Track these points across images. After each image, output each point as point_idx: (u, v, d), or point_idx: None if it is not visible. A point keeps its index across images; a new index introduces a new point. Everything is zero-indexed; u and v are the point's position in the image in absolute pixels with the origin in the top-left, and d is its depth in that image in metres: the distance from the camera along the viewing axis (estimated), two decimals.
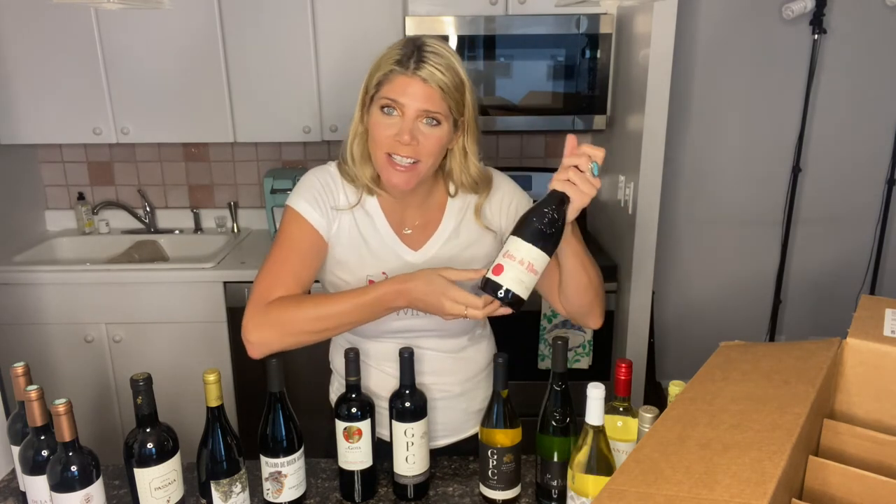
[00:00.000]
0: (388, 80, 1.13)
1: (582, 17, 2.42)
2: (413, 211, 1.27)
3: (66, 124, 2.59)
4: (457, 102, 1.15)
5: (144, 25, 2.47)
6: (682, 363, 3.35)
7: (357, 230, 1.25)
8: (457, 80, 1.14)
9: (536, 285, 1.07)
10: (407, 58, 1.12)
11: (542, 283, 1.21)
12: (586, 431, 1.00)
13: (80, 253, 2.86)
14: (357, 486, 1.20)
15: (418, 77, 1.11)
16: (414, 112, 1.12)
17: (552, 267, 1.18)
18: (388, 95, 1.13)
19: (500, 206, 1.30)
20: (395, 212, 1.27)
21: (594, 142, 2.96)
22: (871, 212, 3.08)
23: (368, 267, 1.24)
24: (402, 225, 1.27)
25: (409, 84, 1.12)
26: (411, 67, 1.11)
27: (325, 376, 1.50)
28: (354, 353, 1.16)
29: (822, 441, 1.03)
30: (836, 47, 2.91)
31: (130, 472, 1.05)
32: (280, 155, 2.98)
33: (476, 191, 1.28)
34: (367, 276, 1.24)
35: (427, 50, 1.12)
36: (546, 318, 2.46)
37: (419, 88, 1.12)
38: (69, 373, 2.53)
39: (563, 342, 1.14)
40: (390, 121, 1.14)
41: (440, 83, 1.12)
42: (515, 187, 1.33)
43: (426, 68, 1.11)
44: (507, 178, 1.34)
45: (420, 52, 1.12)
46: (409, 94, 1.12)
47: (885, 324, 1.06)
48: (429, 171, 1.19)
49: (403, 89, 1.12)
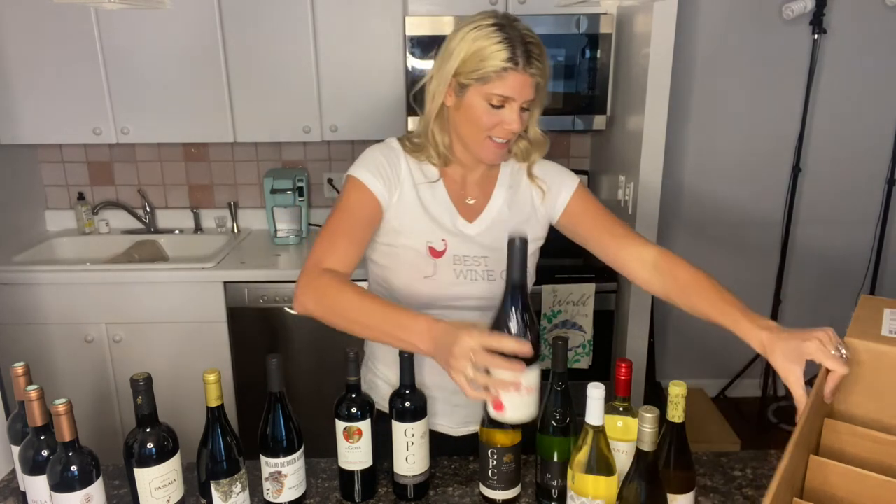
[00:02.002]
0: (500, 77, 1.17)
1: (582, 17, 2.42)
2: (472, 184, 1.34)
3: (66, 124, 2.59)
4: (544, 89, 1.24)
5: (144, 25, 2.47)
6: (682, 363, 3.35)
7: (418, 200, 1.29)
8: (548, 69, 1.23)
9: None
10: (517, 55, 1.16)
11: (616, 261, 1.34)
12: (586, 431, 1.00)
13: (80, 253, 2.85)
14: (357, 486, 1.20)
15: (528, 74, 1.17)
16: (519, 104, 1.20)
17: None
18: (500, 92, 1.18)
19: (557, 192, 1.36)
20: (456, 183, 1.33)
21: (594, 141, 2.96)
22: (871, 212, 3.08)
23: (428, 233, 1.28)
24: (463, 196, 1.33)
25: (523, 81, 1.17)
26: (522, 65, 1.16)
27: (326, 376, 1.50)
28: (355, 354, 1.16)
29: (822, 440, 1.03)
30: (836, 47, 2.91)
31: (130, 472, 1.05)
32: (280, 155, 2.98)
33: (527, 157, 1.34)
34: (427, 242, 1.28)
35: (530, 42, 1.17)
36: (546, 318, 2.46)
37: (529, 83, 1.18)
38: (69, 373, 2.53)
39: (563, 342, 1.14)
40: (497, 112, 1.20)
41: (543, 77, 1.20)
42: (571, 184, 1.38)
43: (536, 65, 1.18)
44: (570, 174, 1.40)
45: (526, 48, 1.16)
46: (521, 90, 1.18)
47: (884, 324, 1.06)
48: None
49: (517, 87, 1.17)
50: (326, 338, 2.46)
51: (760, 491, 1.21)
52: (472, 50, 1.17)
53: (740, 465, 1.28)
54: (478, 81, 1.18)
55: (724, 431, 2.85)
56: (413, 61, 2.45)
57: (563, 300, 2.44)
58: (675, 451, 1.02)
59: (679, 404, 1.01)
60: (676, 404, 1.01)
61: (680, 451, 1.03)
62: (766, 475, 1.25)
